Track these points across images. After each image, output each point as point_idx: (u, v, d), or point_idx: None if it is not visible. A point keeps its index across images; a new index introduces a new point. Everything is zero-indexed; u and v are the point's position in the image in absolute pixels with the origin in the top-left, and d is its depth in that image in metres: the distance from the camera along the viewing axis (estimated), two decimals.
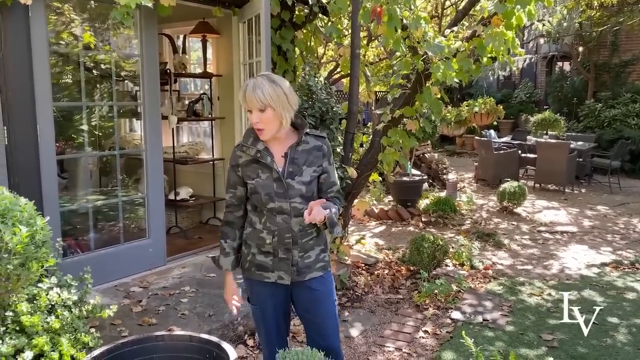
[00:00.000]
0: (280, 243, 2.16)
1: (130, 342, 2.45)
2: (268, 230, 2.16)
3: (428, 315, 3.91)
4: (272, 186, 2.12)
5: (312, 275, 2.20)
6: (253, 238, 2.22)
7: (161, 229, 4.29)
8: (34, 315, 2.26)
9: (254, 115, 2.07)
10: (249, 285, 2.31)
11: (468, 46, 3.67)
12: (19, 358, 2.14)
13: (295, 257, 2.18)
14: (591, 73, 12.49)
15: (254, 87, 2.05)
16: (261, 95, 2.03)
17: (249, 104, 2.07)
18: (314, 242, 2.21)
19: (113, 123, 4.46)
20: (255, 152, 2.14)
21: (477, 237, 5.98)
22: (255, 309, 2.32)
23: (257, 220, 2.20)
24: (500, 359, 2.01)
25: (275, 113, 2.06)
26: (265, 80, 2.08)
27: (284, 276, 2.19)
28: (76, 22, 4.16)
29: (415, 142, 4.61)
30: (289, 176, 2.14)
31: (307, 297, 2.22)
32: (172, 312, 3.44)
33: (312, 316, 2.24)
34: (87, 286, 2.56)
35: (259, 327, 2.37)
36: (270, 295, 2.25)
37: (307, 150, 2.17)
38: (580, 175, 9.49)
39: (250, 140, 2.16)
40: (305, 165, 2.16)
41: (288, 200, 2.12)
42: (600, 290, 4.44)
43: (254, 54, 4.34)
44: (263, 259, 2.20)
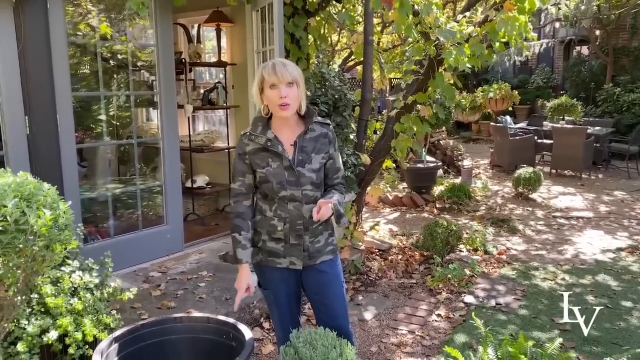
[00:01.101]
0: (292, 230, 2.20)
1: (150, 324, 2.54)
2: (279, 218, 2.20)
3: (441, 299, 3.95)
4: (283, 174, 2.15)
5: (323, 258, 2.26)
6: (263, 225, 2.25)
7: (178, 216, 4.39)
8: (57, 297, 2.36)
9: (282, 90, 2.07)
10: (260, 271, 2.36)
11: (480, 31, 3.66)
12: (44, 337, 2.24)
13: (306, 243, 2.22)
14: (610, 57, 12.29)
15: (283, 63, 2.10)
16: (292, 70, 2.08)
17: (279, 78, 2.07)
18: (322, 227, 2.26)
19: (130, 112, 4.54)
20: (265, 140, 2.16)
21: (491, 223, 5.99)
22: (267, 293, 2.37)
23: (268, 208, 2.23)
24: (510, 340, 2.05)
25: (299, 91, 2.12)
26: (287, 60, 2.16)
27: (296, 261, 2.24)
28: (93, 13, 4.23)
29: (429, 129, 4.62)
30: (300, 164, 2.17)
31: (316, 280, 2.28)
32: (190, 295, 3.53)
33: (321, 298, 2.30)
34: (107, 270, 2.65)
35: (272, 311, 2.43)
36: (282, 280, 2.30)
37: (314, 137, 2.21)
38: (598, 160, 9.38)
39: (259, 129, 2.18)
40: (313, 152, 2.20)
41: (300, 188, 2.16)
42: (615, 274, 4.44)
43: (267, 42, 4.38)
44: (274, 245, 2.24)
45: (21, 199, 1.49)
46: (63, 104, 3.51)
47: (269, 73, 2.08)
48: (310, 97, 4.32)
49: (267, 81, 2.09)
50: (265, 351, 3.20)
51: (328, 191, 2.25)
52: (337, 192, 2.25)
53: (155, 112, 5.13)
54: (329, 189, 2.27)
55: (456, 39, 3.45)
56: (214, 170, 5.72)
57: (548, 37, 14.75)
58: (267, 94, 2.11)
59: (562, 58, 14.73)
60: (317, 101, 4.15)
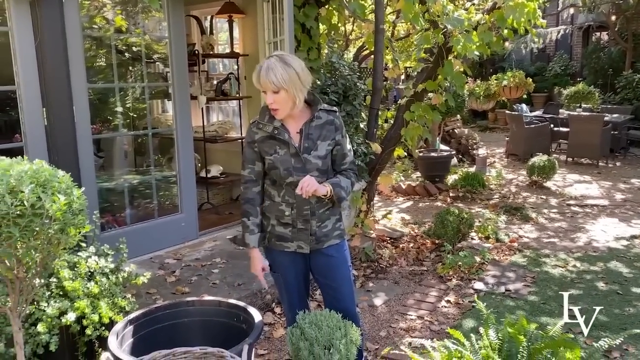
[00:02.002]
0: (299, 215, 2.27)
1: (164, 307, 2.63)
2: (287, 203, 2.27)
3: (451, 285, 3.99)
4: (290, 161, 2.22)
5: (330, 243, 2.32)
6: (272, 210, 2.33)
7: (193, 204, 4.48)
8: (75, 281, 2.46)
9: (268, 97, 2.15)
10: (270, 255, 2.44)
11: (489, 19, 3.66)
12: (63, 319, 2.34)
13: (313, 227, 2.29)
14: (629, 43, 12.07)
15: (267, 69, 2.11)
16: (274, 78, 2.09)
17: (262, 87, 2.14)
18: (329, 212, 2.32)
19: (145, 104, 4.64)
20: (272, 129, 2.22)
21: (504, 211, 5.99)
22: (277, 276, 2.45)
23: (276, 193, 2.30)
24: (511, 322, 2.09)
25: (288, 94, 2.13)
26: (277, 61, 2.13)
27: (303, 245, 2.31)
28: (107, 7, 4.32)
29: (439, 117, 4.64)
30: (305, 151, 2.23)
31: (324, 263, 2.34)
32: (204, 281, 3.63)
33: (329, 281, 2.36)
34: (122, 255, 2.75)
35: (282, 294, 2.51)
36: (291, 263, 2.38)
37: (320, 125, 2.26)
38: (616, 148, 9.26)
39: (266, 118, 2.24)
40: (319, 140, 2.25)
41: (306, 174, 2.21)
42: (627, 262, 4.43)
43: (278, 33, 4.43)
44: (282, 230, 2.32)
45: (37, 185, 1.57)
46: (79, 96, 3.60)
47: (255, 81, 2.16)
48: (320, 87, 4.37)
49: (256, 86, 2.18)
50: (276, 335, 3.28)
51: (336, 175, 2.32)
52: (343, 176, 2.31)
53: (161, 104, 5.23)
54: (337, 174, 2.33)
55: (464, 27, 3.46)
56: (228, 160, 5.80)
57: (566, 23, 14.53)
58: (262, 96, 2.21)
59: (581, 45, 14.50)
60: (327, 90, 4.20)
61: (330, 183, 2.22)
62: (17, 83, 3.35)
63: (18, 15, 3.27)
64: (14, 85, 3.36)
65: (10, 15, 3.26)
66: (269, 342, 3.21)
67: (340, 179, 2.28)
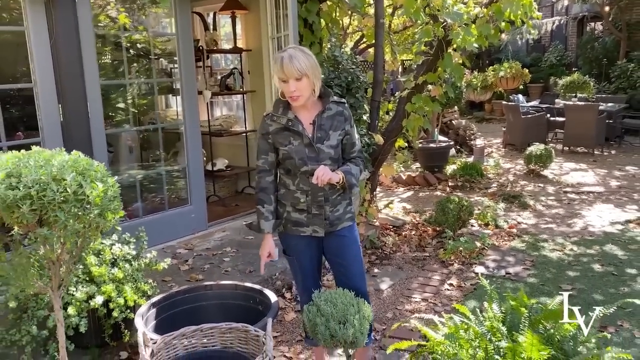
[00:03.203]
0: (314, 201, 2.40)
1: (183, 291, 2.78)
2: (301, 191, 2.39)
3: (453, 270, 4.15)
4: (304, 151, 2.33)
5: (343, 225, 2.47)
6: (287, 198, 2.45)
7: (202, 196, 4.62)
8: (100, 267, 2.60)
9: (291, 84, 2.22)
10: (285, 240, 2.56)
11: (487, 12, 3.80)
12: (91, 302, 2.49)
13: (327, 212, 2.42)
14: (623, 32, 12.22)
15: (290, 58, 2.20)
16: (298, 65, 2.19)
17: (286, 74, 2.20)
18: (341, 197, 2.46)
19: (152, 100, 4.77)
20: (286, 120, 2.33)
21: (502, 199, 6.14)
22: (292, 259, 2.57)
23: (291, 182, 2.41)
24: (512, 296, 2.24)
25: (309, 81, 2.24)
26: (297, 51, 2.24)
27: (318, 229, 2.44)
28: (113, 5, 4.44)
29: (439, 108, 4.78)
30: (318, 141, 2.33)
31: (336, 243, 2.49)
32: (216, 269, 3.77)
33: (340, 259, 2.51)
34: (142, 243, 2.89)
35: (297, 276, 2.64)
36: (306, 246, 2.51)
37: (331, 116, 2.38)
38: (611, 137, 9.43)
39: (280, 110, 2.34)
40: (331, 130, 2.36)
41: (319, 163, 2.33)
42: (622, 244, 4.59)
43: (281, 28, 4.55)
44: (298, 215, 2.44)
45: (77, 174, 1.71)
46: (92, 92, 3.73)
47: (278, 69, 2.23)
48: (324, 80, 4.49)
49: (278, 76, 2.25)
50: (288, 318, 3.43)
51: (346, 163, 2.45)
52: (353, 164, 2.44)
53: (174, 99, 5.35)
54: (347, 162, 2.45)
55: (463, 20, 3.59)
56: (233, 153, 5.94)
57: (561, 14, 14.66)
58: (280, 86, 2.28)
59: (576, 35, 14.64)
60: (331, 84, 4.32)
61: (342, 171, 2.35)
62: (33, 81, 3.47)
63: (34, 16, 3.39)
64: (30, 83, 3.48)
65: (27, 16, 3.38)
66: (281, 325, 3.36)
67: (350, 167, 2.40)
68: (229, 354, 2.12)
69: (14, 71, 4.23)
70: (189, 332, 2.09)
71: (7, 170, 1.63)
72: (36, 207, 1.61)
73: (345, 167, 2.40)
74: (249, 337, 2.09)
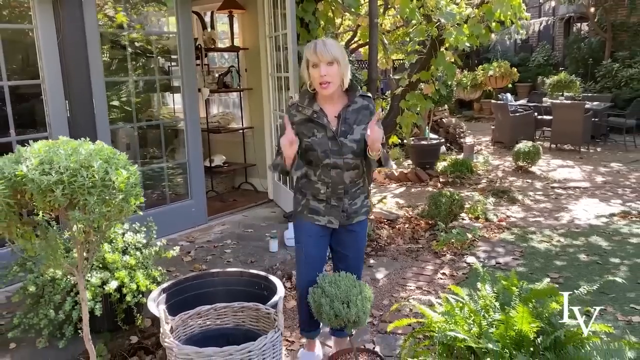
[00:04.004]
0: (334, 193, 2.46)
1: (192, 278, 2.92)
2: (322, 182, 2.44)
3: (445, 260, 4.32)
4: (327, 144, 2.36)
5: (358, 219, 2.54)
6: (308, 188, 2.49)
7: (202, 191, 4.75)
8: (114, 254, 2.73)
9: (322, 69, 2.23)
10: (300, 226, 2.57)
11: (478, 12, 3.97)
12: (105, 287, 2.61)
13: (345, 204, 2.48)
14: (608, 33, 12.50)
15: (324, 43, 2.25)
16: (332, 49, 2.23)
17: (319, 57, 2.22)
18: (360, 190, 2.53)
19: (152, 97, 4.88)
20: (311, 112, 2.36)
21: (492, 194, 6.33)
22: (300, 247, 2.59)
23: (312, 173, 2.45)
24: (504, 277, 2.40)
25: (340, 69, 2.26)
26: (331, 39, 2.31)
27: (334, 221, 2.50)
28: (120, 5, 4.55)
29: (432, 105, 4.95)
30: (342, 135, 2.36)
31: (347, 237, 2.56)
32: (218, 260, 3.90)
33: (347, 252, 2.60)
34: (152, 232, 3.02)
35: (300, 265, 2.61)
36: (317, 233, 2.53)
37: (356, 109, 2.39)
38: (597, 134, 9.69)
39: (306, 101, 2.38)
40: (355, 124, 2.37)
41: (342, 157, 2.37)
42: (606, 236, 4.79)
43: (279, 27, 4.70)
44: (317, 204, 2.49)
45: (103, 161, 1.84)
46: (97, 89, 3.85)
47: (311, 53, 2.25)
48: None
49: (310, 60, 2.27)
50: (289, 306, 3.57)
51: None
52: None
53: (171, 96, 5.47)
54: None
55: (456, 20, 3.76)
56: (230, 150, 6.06)
57: (548, 14, 14.94)
58: (311, 72, 2.29)
59: (563, 35, 14.92)
60: None
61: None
62: (41, 77, 3.59)
63: (42, 14, 3.50)
64: (39, 80, 3.59)
65: (35, 14, 3.49)
66: (283, 312, 3.50)
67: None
68: (241, 332, 2.26)
69: (23, 68, 4.33)
70: (203, 311, 2.23)
71: (39, 158, 1.76)
72: (67, 191, 1.74)
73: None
74: (260, 315, 2.24)
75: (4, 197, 1.71)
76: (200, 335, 2.23)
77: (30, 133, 3.76)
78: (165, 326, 1.97)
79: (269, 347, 1.95)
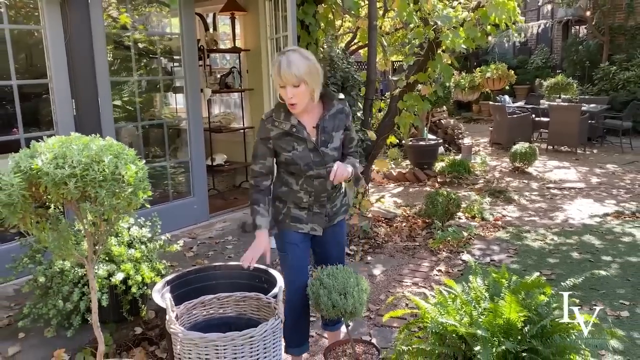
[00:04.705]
0: (316, 201, 2.42)
1: (195, 271, 3.01)
2: (305, 191, 2.38)
3: (441, 257, 4.42)
4: (309, 156, 2.31)
5: (339, 218, 2.57)
6: (289, 196, 2.41)
7: (204, 189, 4.85)
8: (120, 247, 2.83)
9: (288, 91, 2.18)
10: (283, 235, 2.50)
11: (474, 16, 4.08)
12: (112, 279, 2.71)
13: (327, 210, 2.50)
14: (606, 36, 12.60)
15: (289, 63, 2.14)
16: (296, 71, 2.14)
17: (284, 80, 2.16)
18: (339, 192, 2.57)
19: (156, 96, 4.99)
20: (290, 126, 2.28)
21: (489, 194, 6.43)
22: (284, 256, 2.53)
23: (294, 182, 2.38)
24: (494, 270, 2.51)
25: (308, 88, 2.20)
26: (297, 55, 2.18)
27: (317, 228, 2.47)
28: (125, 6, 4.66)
29: (429, 106, 5.05)
30: (323, 145, 2.33)
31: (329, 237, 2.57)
32: (219, 255, 4.01)
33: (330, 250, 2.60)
34: (156, 227, 3.12)
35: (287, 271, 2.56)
36: (301, 240, 2.50)
37: (332, 115, 2.37)
38: (593, 136, 9.79)
39: (282, 116, 2.29)
40: (333, 131, 2.36)
41: (325, 166, 2.34)
42: (599, 235, 4.90)
43: (280, 29, 4.80)
44: (298, 212, 2.44)
45: (113, 156, 1.94)
46: (103, 88, 3.95)
47: (276, 74, 2.18)
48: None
49: (275, 80, 2.22)
50: None
51: (345, 158, 2.50)
52: (352, 157, 2.51)
53: (174, 96, 5.57)
54: (346, 156, 2.51)
55: (452, 23, 3.87)
56: (231, 149, 6.17)
57: (546, 17, 15.06)
58: (279, 91, 2.24)
59: (561, 38, 15.03)
60: (327, 82, 4.58)
61: (349, 163, 2.38)
62: (49, 77, 3.70)
63: (50, 15, 3.61)
64: (46, 79, 3.70)
65: (43, 16, 3.60)
66: None
67: (353, 161, 2.47)
68: (243, 320, 2.36)
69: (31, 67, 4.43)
70: (207, 300, 2.33)
71: (54, 153, 1.86)
72: (80, 184, 1.84)
73: (349, 160, 2.44)
74: (261, 304, 2.34)
75: (20, 189, 1.81)
76: (203, 323, 2.33)
77: (38, 131, 3.86)
78: (171, 314, 2.07)
79: (270, 333, 2.05)
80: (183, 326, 2.23)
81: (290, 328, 2.56)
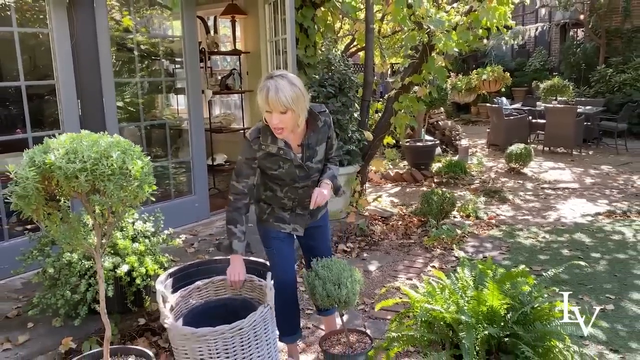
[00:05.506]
0: (300, 205, 2.54)
1: (196, 264, 3.14)
2: (289, 198, 2.50)
3: (435, 254, 4.55)
4: (295, 172, 2.41)
5: (321, 213, 2.69)
6: (273, 200, 2.52)
7: (204, 187, 4.98)
8: (125, 240, 2.96)
9: (274, 117, 2.19)
10: (267, 232, 2.60)
11: (466, 20, 4.21)
12: (117, 271, 2.84)
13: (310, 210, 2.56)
14: (602, 39, 12.74)
15: (276, 90, 2.14)
16: (284, 99, 2.15)
17: (271, 107, 2.17)
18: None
19: (158, 97, 5.12)
20: (277, 149, 2.33)
21: (484, 194, 6.56)
22: (270, 251, 2.63)
23: (279, 189, 2.48)
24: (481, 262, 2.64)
25: (294, 115, 2.21)
26: (285, 82, 2.18)
27: (299, 229, 2.60)
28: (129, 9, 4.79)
29: (424, 107, 5.20)
30: (308, 160, 2.41)
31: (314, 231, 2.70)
32: (219, 252, 4.13)
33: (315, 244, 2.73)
34: (159, 222, 3.25)
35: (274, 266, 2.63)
36: (284, 239, 2.61)
37: (316, 130, 2.42)
38: (589, 138, 9.92)
39: (269, 139, 2.31)
40: (317, 145, 2.43)
41: (310, 179, 2.47)
42: (590, 233, 5.02)
43: (279, 32, 4.93)
44: (282, 213, 2.55)
45: (121, 152, 2.07)
46: (107, 89, 4.08)
47: (263, 100, 2.19)
48: (318, 81, 4.89)
49: (262, 107, 2.22)
50: None
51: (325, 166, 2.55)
52: (331, 164, 2.57)
53: (179, 97, 5.71)
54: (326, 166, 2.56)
55: (445, 27, 4.00)
56: (231, 149, 6.30)
57: (544, 20, 15.20)
58: (265, 115, 2.25)
59: (559, 41, 15.17)
60: (325, 84, 4.71)
61: (327, 177, 2.47)
62: (56, 78, 3.82)
63: (57, 18, 3.74)
64: (53, 80, 3.83)
65: (51, 18, 3.73)
66: None
67: (332, 169, 2.53)
68: (238, 300, 2.51)
69: (38, 69, 4.58)
70: (202, 284, 2.47)
71: (65, 148, 1.99)
72: (90, 178, 1.97)
73: (329, 172, 2.51)
74: (255, 286, 2.49)
75: (34, 182, 1.94)
76: (200, 307, 2.48)
77: (45, 130, 3.98)
78: (165, 306, 2.20)
79: (260, 322, 2.18)
80: (181, 313, 2.36)
81: (281, 319, 2.64)
